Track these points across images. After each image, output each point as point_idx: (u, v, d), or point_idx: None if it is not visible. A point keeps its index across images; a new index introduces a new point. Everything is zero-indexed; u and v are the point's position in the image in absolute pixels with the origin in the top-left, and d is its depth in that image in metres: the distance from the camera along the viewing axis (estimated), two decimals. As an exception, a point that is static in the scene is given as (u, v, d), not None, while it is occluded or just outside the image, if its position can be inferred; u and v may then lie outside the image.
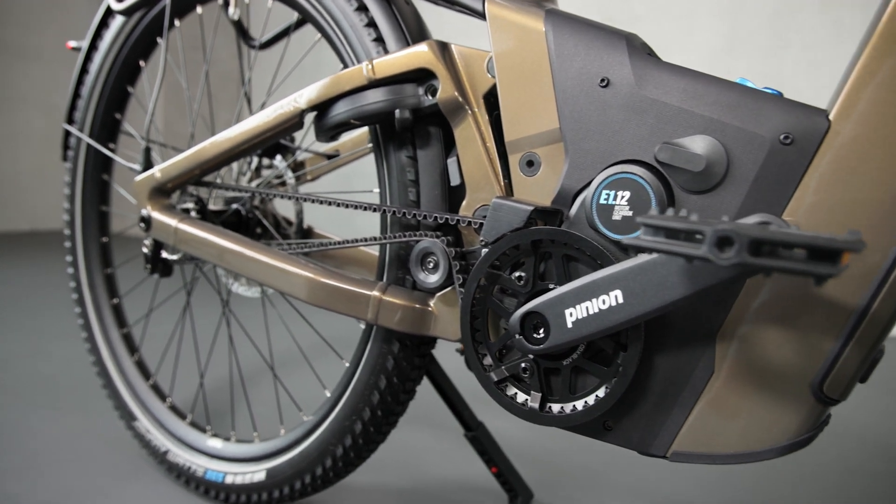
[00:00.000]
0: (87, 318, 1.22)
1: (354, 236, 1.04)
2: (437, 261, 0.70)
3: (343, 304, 0.76)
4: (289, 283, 0.78)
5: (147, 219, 0.95)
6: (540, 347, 0.61)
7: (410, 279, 0.77)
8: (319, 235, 1.04)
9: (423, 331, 0.74)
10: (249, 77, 0.99)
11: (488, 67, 0.69)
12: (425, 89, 0.72)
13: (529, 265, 0.64)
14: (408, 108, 0.72)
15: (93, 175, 1.22)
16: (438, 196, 0.75)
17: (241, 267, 0.82)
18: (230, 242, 0.83)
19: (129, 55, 1.13)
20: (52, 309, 2.31)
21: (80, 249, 1.23)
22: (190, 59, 1.19)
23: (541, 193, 0.66)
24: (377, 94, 0.73)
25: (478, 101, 0.70)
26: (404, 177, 0.76)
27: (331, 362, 1.17)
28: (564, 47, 0.64)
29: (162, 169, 0.94)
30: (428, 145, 0.75)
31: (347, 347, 1.01)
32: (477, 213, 0.70)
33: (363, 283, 0.76)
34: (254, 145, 0.84)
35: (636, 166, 0.60)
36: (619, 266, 0.56)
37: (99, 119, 1.18)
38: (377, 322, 0.74)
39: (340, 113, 0.76)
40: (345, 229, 1.10)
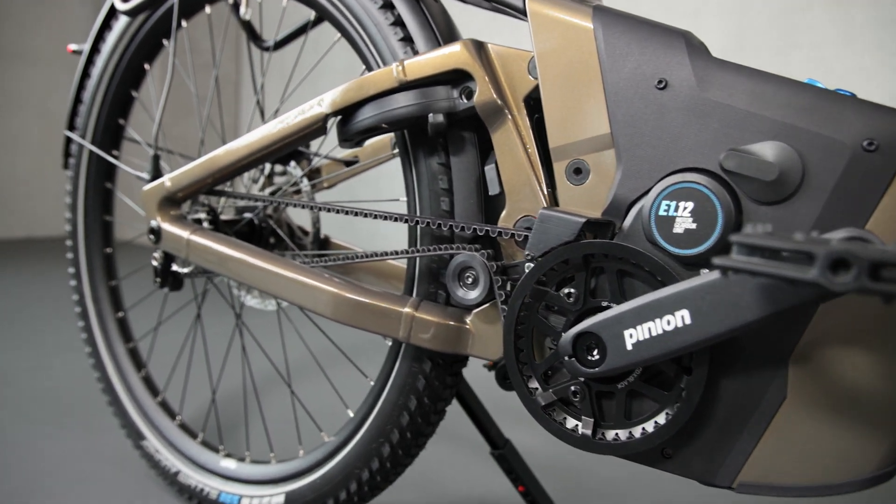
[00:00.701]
0: (90, 332, 1.17)
1: (363, 245, 1.00)
2: (476, 276, 0.66)
3: (372, 321, 0.71)
4: (312, 299, 0.74)
5: (157, 230, 0.90)
6: (595, 371, 0.57)
7: (443, 294, 0.73)
8: (337, 245, 0.99)
9: (459, 349, 0.69)
10: (262, 83, 0.94)
11: (529, 68, 0.65)
12: (460, 92, 0.67)
13: (580, 281, 0.59)
14: (442, 112, 0.67)
15: (95, 183, 1.17)
16: (474, 206, 0.70)
17: (260, 281, 0.77)
18: (248, 255, 0.78)
19: (134, 58, 1.08)
20: (52, 319, 2.25)
21: (83, 261, 1.18)
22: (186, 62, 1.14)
23: (589, 203, 0.61)
24: (408, 98, 0.69)
25: (517, 104, 0.66)
26: (436, 185, 0.72)
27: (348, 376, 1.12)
28: (616, 46, 0.59)
29: (172, 178, 0.88)
30: (462, 151, 0.70)
31: (360, 356, 0.96)
32: (518, 224, 0.66)
33: (394, 298, 0.71)
34: (272, 152, 0.79)
35: (699, 175, 0.55)
36: (686, 284, 0.52)
37: (102, 125, 1.13)
38: (409, 340, 0.70)
39: (367, 118, 0.71)
40: (348, 236, 1.05)
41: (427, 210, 0.73)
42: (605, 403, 0.60)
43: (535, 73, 0.64)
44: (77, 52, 1.15)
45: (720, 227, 0.53)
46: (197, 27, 1.09)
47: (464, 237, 0.70)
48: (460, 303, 0.67)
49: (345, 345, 0.95)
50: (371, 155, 0.97)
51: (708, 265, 0.55)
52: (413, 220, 0.69)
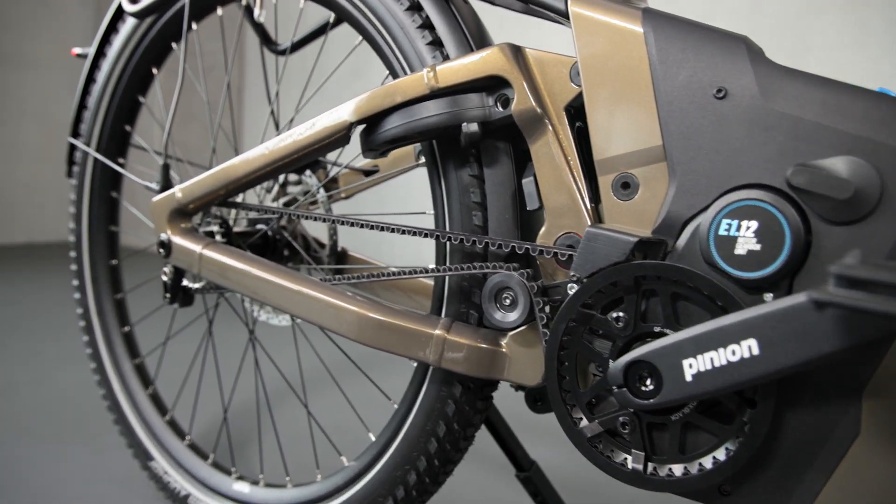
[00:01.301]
0: (95, 347, 1.12)
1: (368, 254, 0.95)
2: (514, 297, 0.61)
3: (400, 344, 0.67)
4: (335, 320, 0.69)
5: (167, 244, 0.85)
6: (650, 403, 0.52)
7: (475, 314, 0.68)
8: (356, 259, 0.95)
9: (493, 374, 0.65)
10: (277, 91, 0.90)
11: (571, 75, 0.61)
12: (495, 99, 0.63)
13: (630, 304, 0.55)
14: (476, 121, 0.63)
15: (100, 192, 1.12)
16: (510, 221, 0.66)
17: (279, 300, 0.73)
18: (266, 272, 0.74)
19: (141, 62, 1.04)
20: (54, 328, 2.20)
21: (87, 273, 1.13)
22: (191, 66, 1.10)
23: (638, 220, 0.57)
24: (439, 106, 0.64)
25: (558, 113, 0.61)
26: (468, 199, 0.67)
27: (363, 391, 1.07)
28: (669, 52, 0.55)
29: (183, 188, 0.84)
30: (497, 163, 0.66)
31: (374, 369, 0.92)
32: (559, 242, 0.61)
33: (423, 319, 0.67)
34: (292, 162, 0.75)
35: (764, 192, 0.51)
36: (753, 311, 0.47)
37: (107, 132, 1.09)
38: (440, 365, 0.65)
39: (395, 127, 0.67)
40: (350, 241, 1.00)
41: (457, 225, 0.69)
42: (657, 436, 0.56)
43: (578, 81, 0.60)
44: (81, 56, 1.10)
45: (788, 249, 0.49)
46: (199, 31, 1.05)
47: (498, 255, 0.66)
48: (497, 326, 0.63)
49: (358, 356, 0.91)
50: (392, 165, 0.93)
51: (773, 289, 0.51)
52: (445, 236, 0.65)
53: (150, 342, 1.18)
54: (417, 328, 0.66)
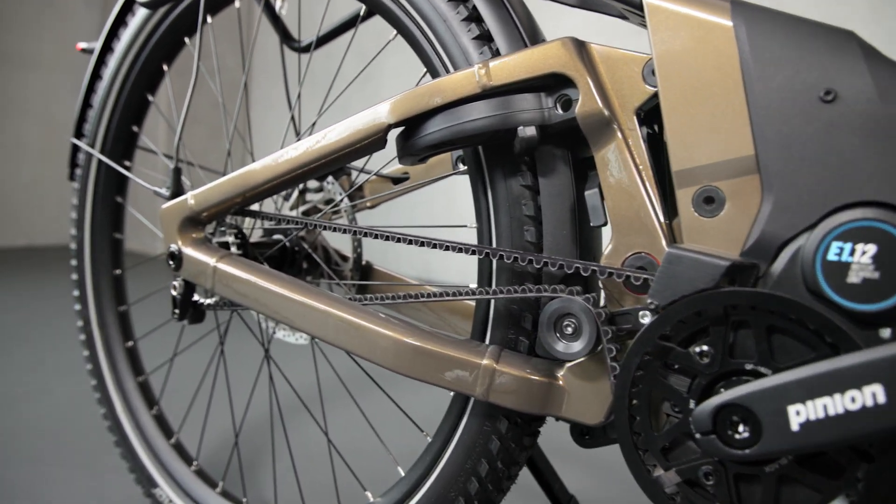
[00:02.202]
0: (96, 362, 1.05)
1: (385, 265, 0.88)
2: (577, 325, 0.54)
3: (442, 375, 0.59)
4: (368, 345, 0.62)
5: (177, 255, 0.78)
6: (746, 453, 0.45)
7: (525, 341, 0.61)
8: (383, 274, 0.87)
9: (547, 410, 0.58)
10: (299, 92, 0.83)
11: (645, 74, 0.53)
12: (555, 100, 0.56)
13: (716, 337, 0.48)
14: (534, 125, 0.56)
15: (105, 197, 1.05)
16: (567, 237, 0.59)
17: (303, 321, 0.66)
18: (288, 290, 0.67)
19: (151, 58, 0.97)
20: (53, 336, 2.12)
21: (88, 282, 1.06)
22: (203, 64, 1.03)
23: (722, 240, 0.50)
24: (490, 107, 0.57)
25: (628, 117, 0.54)
26: (518, 211, 0.60)
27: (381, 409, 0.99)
28: (766, 48, 0.48)
29: (197, 195, 0.77)
30: (553, 172, 0.59)
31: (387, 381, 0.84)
32: (628, 263, 0.54)
33: (469, 347, 0.60)
34: (319, 168, 0.67)
35: (883, 211, 0.44)
36: (881, 351, 0.40)
37: (113, 132, 1.02)
38: (488, 399, 0.58)
39: (438, 130, 0.59)
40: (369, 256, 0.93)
41: (506, 241, 0.61)
42: (746, 489, 0.49)
43: (653, 81, 0.53)
44: (87, 51, 1.04)
45: (914, 278, 0.42)
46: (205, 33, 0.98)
47: (553, 276, 0.59)
48: (557, 356, 0.55)
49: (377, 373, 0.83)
50: (424, 171, 0.86)
51: (891, 324, 0.43)
52: (496, 254, 0.57)
53: (156, 358, 1.10)
54: (463, 357, 0.58)
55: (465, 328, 0.79)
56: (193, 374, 1.03)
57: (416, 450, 0.69)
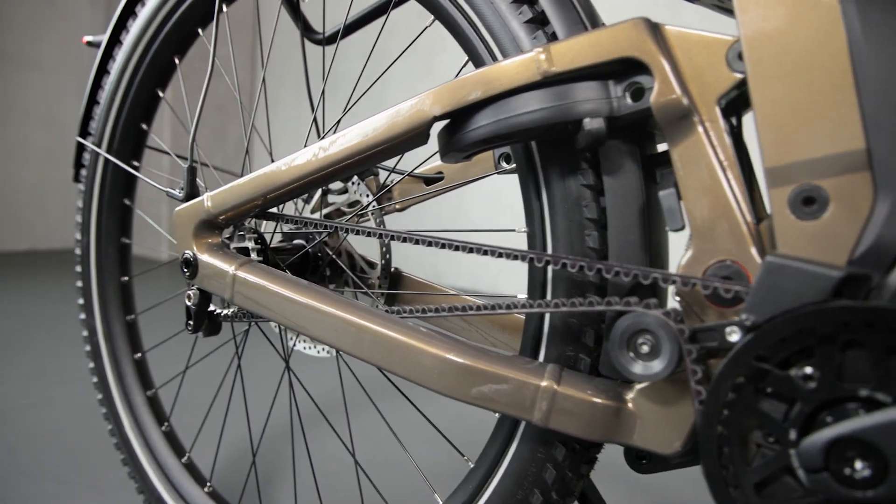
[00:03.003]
0: (103, 375, 0.99)
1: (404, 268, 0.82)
2: (655, 342, 0.47)
3: (495, 398, 0.53)
4: (411, 365, 0.55)
5: (192, 262, 0.72)
6: (868, 495, 0.39)
7: (585, 359, 0.55)
8: (413, 282, 0.80)
9: (615, 437, 0.51)
10: (323, 89, 0.77)
11: (729, 58, 0.47)
12: (624, 89, 0.50)
13: (824, 359, 0.41)
14: (602, 116, 0.49)
15: (111, 200, 0.99)
16: (635, 243, 0.52)
17: (337, 338, 0.59)
18: (320, 302, 0.60)
19: (162, 51, 0.91)
20: (55, 343, 2.06)
21: (94, 290, 1.00)
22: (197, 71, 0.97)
23: (826, 246, 0.44)
24: (548, 97, 0.51)
25: (709, 107, 0.48)
26: (579, 214, 0.54)
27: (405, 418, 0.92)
28: (879, 26, 0.42)
29: (214, 196, 0.71)
30: (620, 170, 0.53)
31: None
32: (710, 272, 0.48)
33: (525, 366, 0.53)
34: (351, 166, 0.61)
35: None
36: None
37: (121, 130, 0.96)
38: (548, 424, 0.51)
39: (490, 123, 0.53)
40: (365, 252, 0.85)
41: (563, 246, 0.55)
42: (857, 534, 0.42)
43: (740, 66, 0.46)
44: (93, 45, 0.98)
45: None
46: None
47: (619, 287, 0.52)
48: (633, 378, 0.49)
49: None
50: (461, 171, 0.79)
51: None
52: (557, 261, 0.51)
53: (166, 371, 1.04)
54: (520, 377, 0.52)
55: (509, 343, 0.73)
56: (206, 388, 0.97)
57: (449, 469, 0.63)
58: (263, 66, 0.79)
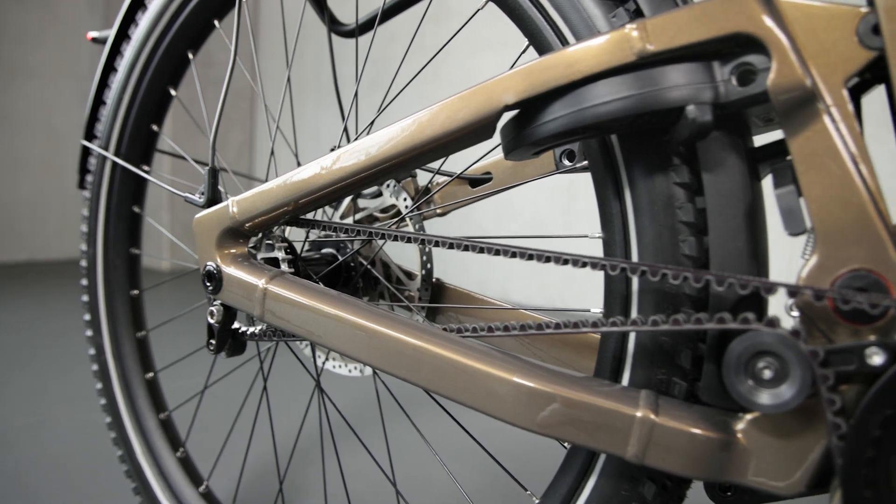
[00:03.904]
0: (112, 397, 0.91)
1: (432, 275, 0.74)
2: (780, 366, 0.40)
3: (580, 431, 0.46)
4: (479, 392, 0.48)
5: (216, 275, 0.65)
6: None
7: (681, 384, 0.47)
8: (463, 295, 0.72)
9: (723, 475, 0.44)
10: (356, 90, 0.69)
11: (861, 33, 0.40)
12: (731, 70, 0.43)
13: None
14: (708, 104, 0.42)
15: (119, 208, 0.92)
16: (742, 250, 0.45)
17: (391, 362, 0.52)
18: (372, 322, 0.53)
19: (174, 45, 0.84)
20: (56, 360, 1.98)
21: (102, 305, 0.92)
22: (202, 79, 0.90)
23: None
24: (638, 82, 0.44)
25: (836, 91, 0.41)
26: (670, 217, 0.47)
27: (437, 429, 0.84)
28: None
29: (241, 201, 0.63)
30: (723, 166, 0.46)
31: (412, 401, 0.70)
32: (840, 284, 0.41)
33: (615, 393, 0.46)
34: (400, 164, 0.54)
35: None
36: None
37: (129, 132, 0.89)
38: (644, 461, 0.44)
39: (567, 114, 0.46)
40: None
41: (651, 254, 0.48)
42: None
43: (874, 41, 0.40)
44: (99, 41, 0.90)
45: None
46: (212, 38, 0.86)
47: (724, 300, 0.45)
48: (755, 408, 0.41)
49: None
50: (512, 171, 0.72)
51: None
52: (656, 271, 0.44)
53: (181, 392, 0.96)
54: (610, 406, 0.45)
55: (575, 363, 0.65)
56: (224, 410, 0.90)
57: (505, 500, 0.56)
58: (288, 64, 0.72)
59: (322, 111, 3.72)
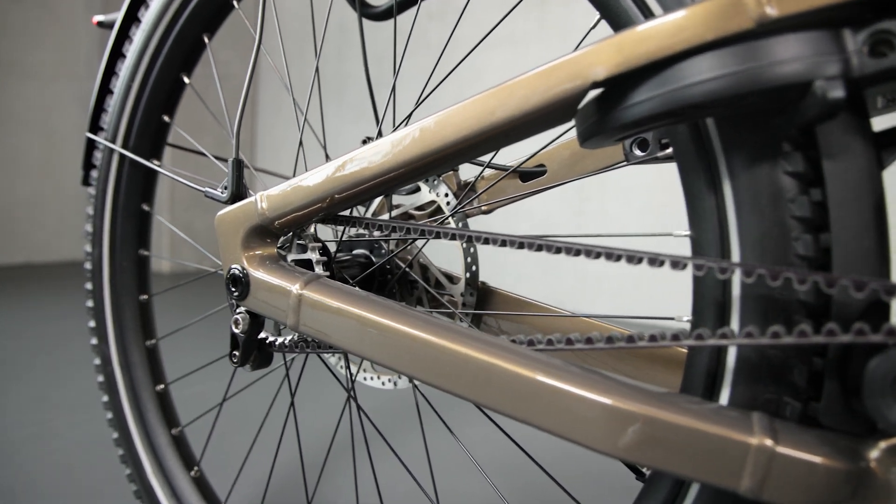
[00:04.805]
0: (119, 410, 0.84)
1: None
2: (935, 390, 0.34)
3: (676, 457, 0.39)
4: (563, 417, 0.41)
5: (242, 279, 0.58)
6: None
7: (794, 405, 0.41)
8: (515, 301, 0.65)
9: (852, 514, 0.38)
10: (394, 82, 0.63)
11: None
12: (865, 39, 0.36)
13: None
14: (839, 79, 0.36)
15: (127, 205, 0.85)
16: (871, 250, 0.39)
17: (453, 380, 0.45)
18: (435, 335, 0.46)
19: (188, 27, 0.77)
20: (56, 367, 1.90)
21: (108, 311, 0.86)
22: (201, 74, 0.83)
23: None
24: (750, 54, 0.37)
25: None
26: (780, 212, 0.40)
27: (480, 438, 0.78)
28: None
29: (272, 196, 0.57)
30: (848, 152, 0.39)
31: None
32: None
33: (722, 415, 0.40)
34: (458, 154, 0.48)
35: None
36: None
37: (138, 123, 0.82)
38: (761, 496, 0.38)
39: (662, 93, 0.40)
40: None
41: (756, 254, 0.42)
42: None
43: None
44: (105, 25, 0.84)
45: None
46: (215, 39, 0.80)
47: (845, 307, 0.39)
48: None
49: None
50: (569, 163, 0.65)
51: None
52: (776, 274, 0.37)
53: (195, 406, 0.89)
54: (718, 431, 0.38)
55: (649, 376, 0.59)
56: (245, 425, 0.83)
57: None
58: (317, 54, 0.66)
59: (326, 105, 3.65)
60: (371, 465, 0.65)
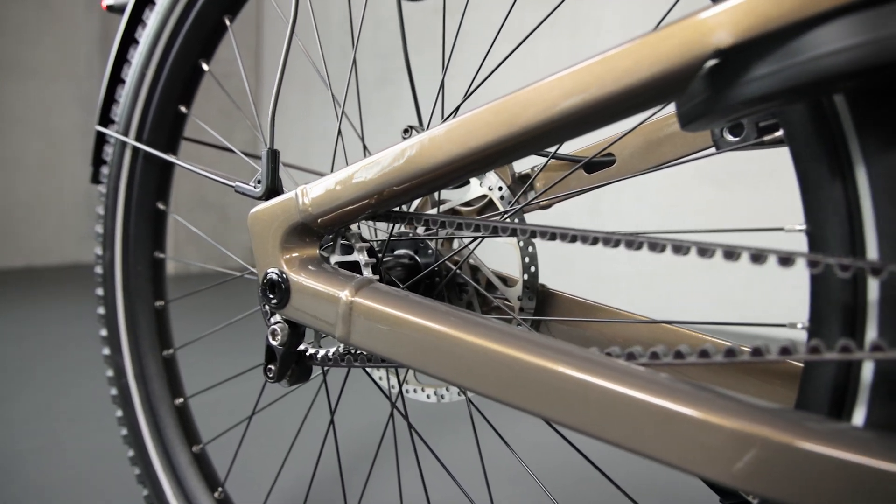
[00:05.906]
0: (135, 426, 0.78)
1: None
2: None
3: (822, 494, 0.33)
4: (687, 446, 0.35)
5: (281, 284, 0.52)
6: None
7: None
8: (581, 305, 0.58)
9: None
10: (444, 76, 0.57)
11: None
12: None
13: None
14: None
15: (141, 204, 0.79)
16: None
17: (538, 401, 0.39)
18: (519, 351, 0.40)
19: (208, 9, 0.71)
20: (60, 374, 1.83)
21: (121, 318, 0.79)
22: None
23: None
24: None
25: None
26: (935, 202, 0.34)
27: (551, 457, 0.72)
28: None
29: (315, 190, 0.51)
30: None
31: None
32: None
33: (867, 441, 0.34)
34: (546, 135, 0.41)
35: None
36: None
37: (153, 115, 0.76)
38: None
39: (797, 63, 0.33)
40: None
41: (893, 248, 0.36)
42: None
43: None
44: (115, 10, 0.77)
45: None
46: None
47: None
48: None
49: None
50: (643, 151, 0.59)
51: None
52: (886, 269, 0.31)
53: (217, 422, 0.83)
54: (864, 461, 0.32)
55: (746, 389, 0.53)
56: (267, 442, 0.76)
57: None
58: (354, 45, 0.60)
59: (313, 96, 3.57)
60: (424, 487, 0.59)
